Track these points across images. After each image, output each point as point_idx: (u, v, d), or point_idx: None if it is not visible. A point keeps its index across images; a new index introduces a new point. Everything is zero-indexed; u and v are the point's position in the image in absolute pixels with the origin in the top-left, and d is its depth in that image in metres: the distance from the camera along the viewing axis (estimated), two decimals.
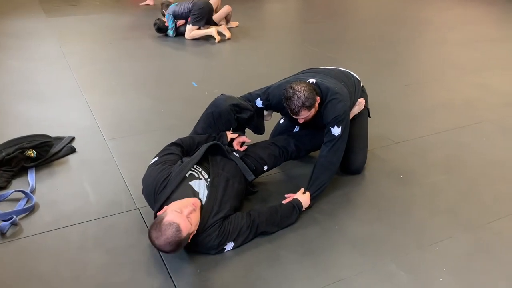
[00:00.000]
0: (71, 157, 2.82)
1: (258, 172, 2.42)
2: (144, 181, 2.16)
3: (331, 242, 2.16)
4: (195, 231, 1.93)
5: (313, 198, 2.33)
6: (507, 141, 3.17)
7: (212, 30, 5.49)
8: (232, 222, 2.04)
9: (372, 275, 1.97)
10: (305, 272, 1.97)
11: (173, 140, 2.40)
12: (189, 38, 5.56)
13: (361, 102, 2.63)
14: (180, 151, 2.30)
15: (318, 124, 2.43)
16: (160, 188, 2.04)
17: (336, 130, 2.33)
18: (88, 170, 2.70)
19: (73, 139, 3.00)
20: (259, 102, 2.52)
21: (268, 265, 2.00)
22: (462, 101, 3.84)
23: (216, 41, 5.44)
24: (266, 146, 2.50)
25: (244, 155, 2.38)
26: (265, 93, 2.50)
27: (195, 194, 2.03)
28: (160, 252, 1.98)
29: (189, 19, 5.51)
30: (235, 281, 1.92)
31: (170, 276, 1.93)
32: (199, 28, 5.56)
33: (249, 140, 2.50)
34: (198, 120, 2.52)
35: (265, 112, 2.60)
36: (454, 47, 5.52)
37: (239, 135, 2.47)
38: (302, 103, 2.21)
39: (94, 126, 3.23)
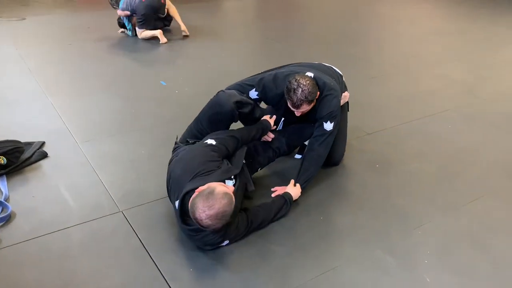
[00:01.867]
0: (43, 162, 2.71)
1: (252, 174, 2.44)
2: (192, 154, 2.11)
3: (319, 233, 2.20)
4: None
5: (302, 189, 2.37)
6: (471, 128, 3.33)
7: (157, 32, 5.32)
8: (234, 222, 2.04)
9: (361, 262, 2.02)
10: (297, 264, 2.00)
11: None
12: (141, 38, 5.43)
13: (346, 96, 2.68)
14: (233, 147, 2.24)
15: (309, 118, 2.45)
16: (203, 173, 2.00)
17: (328, 125, 2.37)
18: (63, 174, 2.60)
19: (43, 143, 2.88)
20: (254, 94, 2.49)
21: (261, 260, 2.01)
22: (426, 92, 3.99)
23: (161, 42, 5.26)
24: (262, 148, 2.50)
25: (247, 163, 2.38)
26: (260, 85, 2.47)
27: None
28: (203, 227, 1.87)
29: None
30: (229, 278, 1.92)
31: (163, 277, 1.90)
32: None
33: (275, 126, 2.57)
34: (200, 119, 2.41)
35: None
36: (413, 40, 5.72)
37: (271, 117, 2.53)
38: (305, 96, 2.23)
39: (64, 129, 3.11)
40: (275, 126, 2.56)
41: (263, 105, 2.64)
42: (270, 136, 2.52)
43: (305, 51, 5.13)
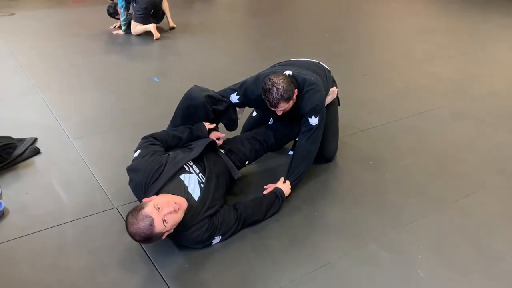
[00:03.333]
0: (36, 158, 2.69)
1: (240, 167, 2.42)
2: (132, 171, 2.08)
3: (313, 228, 2.21)
4: (172, 230, 1.88)
5: (293, 187, 2.37)
6: (462, 125, 3.36)
7: (150, 26, 5.28)
8: (220, 216, 2.04)
9: (356, 257, 2.04)
10: (292, 259, 2.01)
11: (143, 135, 2.33)
12: (134, 34, 5.40)
13: (333, 91, 2.69)
14: (159, 144, 2.23)
15: (295, 115, 2.46)
16: (151, 180, 1.99)
17: (313, 120, 2.38)
18: (57, 171, 2.59)
19: (35, 140, 2.86)
20: (234, 98, 2.49)
21: (256, 255, 2.02)
22: (417, 89, 4.02)
23: (154, 37, 5.23)
24: (248, 141, 2.49)
25: (228, 151, 2.37)
26: (242, 88, 2.47)
27: (184, 188, 2.00)
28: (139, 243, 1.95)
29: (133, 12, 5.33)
30: (225, 273, 1.92)
31: (159, 272, 1.90)
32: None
33: (223, 135, 2.48)
34: (174, 115, 2.44)
35: (237, 109, 2.60)
36: (402, 38, 5.75)
37: (215, 127, 2.44)
38: (281, 95, 2.23)
39: (57, 125, 3.09)
40: (220, 142, 2.43)
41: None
42: (219, 140, 2.43)
43: (297, 49, 5.13)
